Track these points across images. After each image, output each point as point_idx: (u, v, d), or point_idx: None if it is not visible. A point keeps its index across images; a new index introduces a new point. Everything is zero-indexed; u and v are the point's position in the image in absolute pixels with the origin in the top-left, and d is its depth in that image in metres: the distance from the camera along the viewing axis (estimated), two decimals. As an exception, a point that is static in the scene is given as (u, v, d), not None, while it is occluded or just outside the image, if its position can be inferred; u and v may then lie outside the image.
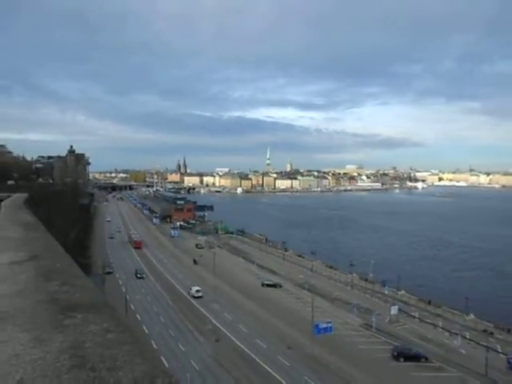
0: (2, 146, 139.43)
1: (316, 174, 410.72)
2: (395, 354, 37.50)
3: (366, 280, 65.41)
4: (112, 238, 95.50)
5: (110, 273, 61.28)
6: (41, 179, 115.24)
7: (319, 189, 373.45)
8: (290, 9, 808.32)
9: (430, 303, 55.07)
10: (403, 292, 59.72)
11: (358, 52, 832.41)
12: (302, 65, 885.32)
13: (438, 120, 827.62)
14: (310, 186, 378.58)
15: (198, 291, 53.10)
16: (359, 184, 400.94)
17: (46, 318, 1.76)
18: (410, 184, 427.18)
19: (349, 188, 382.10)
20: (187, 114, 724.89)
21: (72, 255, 3.94)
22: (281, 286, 60.33)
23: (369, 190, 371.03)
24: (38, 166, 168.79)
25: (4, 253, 3.42)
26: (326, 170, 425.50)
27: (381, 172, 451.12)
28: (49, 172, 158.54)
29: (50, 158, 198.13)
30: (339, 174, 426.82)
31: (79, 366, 1.30)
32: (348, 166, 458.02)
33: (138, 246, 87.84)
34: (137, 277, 61.92)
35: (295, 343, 39.10)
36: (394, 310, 47.57)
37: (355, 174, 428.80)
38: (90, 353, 1.40)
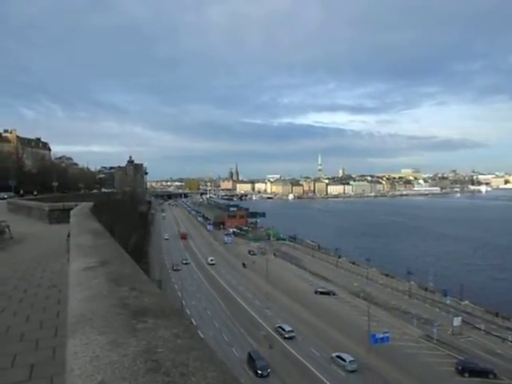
0: (70, 159, 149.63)
1: (369, 178, 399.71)
2: (460, 368, 35.20)
3: (426, 289, 62.14)
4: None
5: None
6: (103, 188, 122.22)
7: (373, 194, 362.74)
8: (337, 10, 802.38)
9: (497, 315, 51.12)
10: (467, 302, 55.96)
11: (412, 51, 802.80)
12: (352, 67, 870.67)
13: (501, 119, 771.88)
14: (363, 191, 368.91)
15: None
16: (416, 188, 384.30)
17: (119, 322, 1.84)
18: (472, 187, 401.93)
19: (404, 193, 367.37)
20: (238, 122, 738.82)
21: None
22: (334, 294, 59.08)
23: (426, 194, 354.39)
24: (101, 176, 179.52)
25: (78, 259, 3.68)
26: (379, 175, 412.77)
27: (439, 175, 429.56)
28: (110, 181, 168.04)
29: (111, 168, 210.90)
30: (394, 178, 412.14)
31: (154, 371, 1.35)
32: (403, 170, 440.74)
33: (184, 237, 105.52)
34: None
35: (350, 353, 38.01)
36: (456, 322, 44.76)
37: (411, 178, 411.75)
38: (163, 358, 1.45)
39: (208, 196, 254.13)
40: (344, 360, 35.27)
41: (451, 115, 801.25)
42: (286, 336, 41.76)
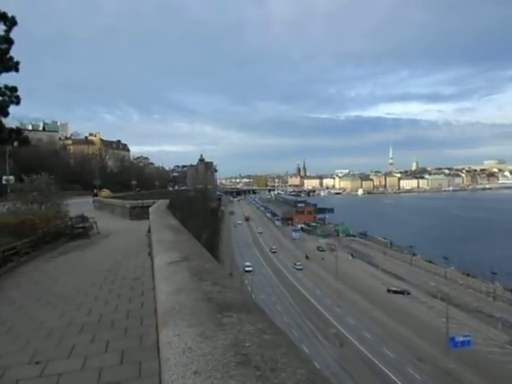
0: (146, 158, 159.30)
1: (447, 171, 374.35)
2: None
3: (513, 291, 56.92)
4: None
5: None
6: (177, 186, 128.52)
7: (451, 188, 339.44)
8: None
9: None
10: None
11: (495, 31, 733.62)
12: (426, 53, 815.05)
13: None
14: (439, 185, 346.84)
15: None
16: (501, 181, 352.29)
17: (206, 315, 1.93)
18: None
19: (487, 186, 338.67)
20: (305, 117, 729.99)
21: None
22: (409, 293, 56.37)
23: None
24: (175, 174, 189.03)
25: (161, 254, 3.92)
26: (458, 167, 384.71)
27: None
28: (183, 179, 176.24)
29: (183, 166, 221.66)
30: (475, 170, 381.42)
31: (244, 364, 1.40)
32: (486, 162, 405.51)
33: (247, 219, 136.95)
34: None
35: (426, 355, 36.13)
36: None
37: (495, 170, 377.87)
38: (252, 352, 1.49)
39: (276, 192, 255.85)
40: None
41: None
42: None
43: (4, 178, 34.38)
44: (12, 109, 11.94)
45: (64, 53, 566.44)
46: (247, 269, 69.10)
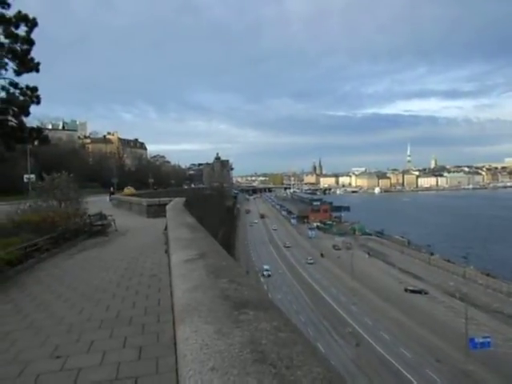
0: (163, 157, 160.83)
1: (466, 169, 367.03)
2: None
3: (536, 292, 55.48)
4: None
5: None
6: (193, 184, 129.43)
7: (471, 186, 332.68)
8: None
9: None
10: None
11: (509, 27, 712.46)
12: (444, 49, 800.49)
13: None
14: (459, 183, 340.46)
15: None
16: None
17: (223, 312, 1.94)
18: None
19: (509, 184, 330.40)
20: (320, 115, 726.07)
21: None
22: (426, 293, 55.56)
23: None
24: (191, 172, 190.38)
25: (178, 251, 3.96)
26: (478, 165, 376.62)
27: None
28: (199, 177, 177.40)
29: (199, 165, 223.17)
30: (496, 168, 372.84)
31: (261, 361, 1.40)
32: (507, 159, 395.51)
33: (262, 216, 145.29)
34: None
35: (445, 356, 35.57)
36: None
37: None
38: (268, 350, 1.49)
39: (292, 190, 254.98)
40: None
41: None
42: None
43: (25, 176, 35.19)
44: (33, 108, 12.19)
45: (83, 53, 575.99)
46: (266, 273, 64.62)
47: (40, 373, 3.65)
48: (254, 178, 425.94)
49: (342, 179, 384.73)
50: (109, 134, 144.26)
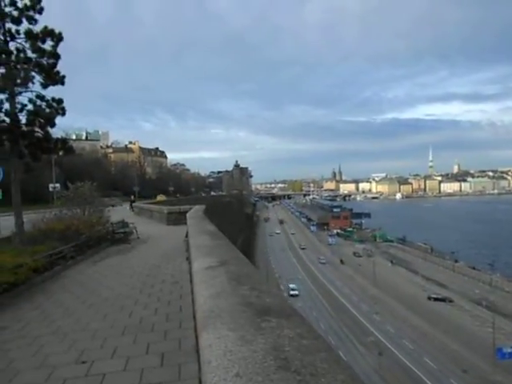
0: (183, 165, 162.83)
1: (491, 174, 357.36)
2: None
3: None
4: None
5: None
6: (212, 192, 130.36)
7: (496, 191, 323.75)
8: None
9: None
10: None
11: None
12: (466, 51, 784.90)
13: None
14: (483, 188, 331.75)
15: None
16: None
17: (245, 319, 1.96)
18: None
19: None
20: (340, 121, 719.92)
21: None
22: (451, 301, 54.05)
23: None
24: (210, 180, 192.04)
25: (199, 259, 4.00)
26: (504, 169, 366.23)
27: None
28: (218, 185, 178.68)
29: (219, 172, 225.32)
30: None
31: (284, 368, 1.41)
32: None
33: (281, 222, 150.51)
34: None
35: (471, 367, 34.45)
36: None
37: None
38: (291, 357, 1.50)
39: (311, 197, 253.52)
40: None
41: None
42: None
43: (51, 185, 36.15)
44: (58, 119, 12.55)
45: (104, 64, 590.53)
46: (292, 292, 56.13)
47: (66, 378, 3.74)
48: (273, 185, 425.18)
49: (362, 185, 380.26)
50: (130, 143, 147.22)
